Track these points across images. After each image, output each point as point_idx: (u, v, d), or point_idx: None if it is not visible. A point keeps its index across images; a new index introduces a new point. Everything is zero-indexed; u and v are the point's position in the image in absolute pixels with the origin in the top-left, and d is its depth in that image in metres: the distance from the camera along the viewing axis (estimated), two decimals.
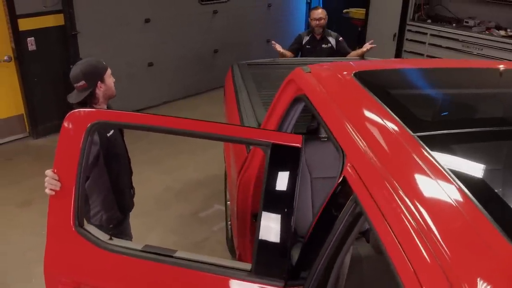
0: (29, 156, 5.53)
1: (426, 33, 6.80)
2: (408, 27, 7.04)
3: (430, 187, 1.37)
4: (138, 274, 1.97)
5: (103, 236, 2.04)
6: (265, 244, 1.83)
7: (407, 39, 7.08)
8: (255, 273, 1.84)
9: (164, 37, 6.68)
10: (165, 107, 6.84)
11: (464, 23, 6.57)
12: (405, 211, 1.28)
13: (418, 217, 1.25)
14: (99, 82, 2.63)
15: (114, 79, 2.76)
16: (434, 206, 1.31)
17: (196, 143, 5.58)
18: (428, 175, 1.40)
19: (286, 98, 2.44)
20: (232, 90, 3.88)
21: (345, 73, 2.32)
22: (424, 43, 6.83)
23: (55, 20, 5.56)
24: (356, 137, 1.67)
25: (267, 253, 1.84)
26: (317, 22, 5.15)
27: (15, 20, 5.29)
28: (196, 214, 4.50)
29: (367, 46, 4.89)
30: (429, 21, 6.93)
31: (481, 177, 1.50)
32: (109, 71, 2.72)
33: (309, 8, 8.88)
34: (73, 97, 2.67)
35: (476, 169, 1.54)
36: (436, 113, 1.98)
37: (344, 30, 8.54)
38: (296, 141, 1.80)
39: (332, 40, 5.24)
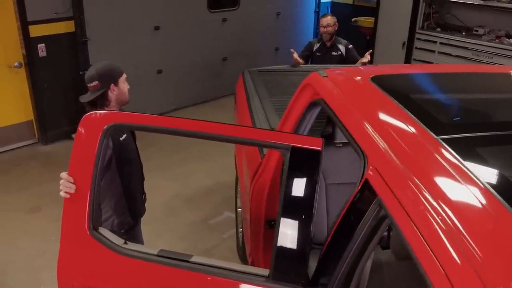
0: (38, 162, 5.53)
1: (435, 42, 6.78)
2: (417, 36, 7.02)
3: (457, 189, 1.34)
4: (153, 279, 1.93)
5: (117, 240, 2.01)
6: (284, 249, 1.80)
7: (416, 48, 7.05)
8: (273, 279, 1.81)
9: (173, 44, 6.68)
10: (174, 114, 6.83)
11: (474, 32, 6.54)
12: (432, 212, 1.25)
13: (446, 218, 1.22)
14: (112, 84, 2.63)
15: (128, 86, 2.75)
16: (462, 208, 1.28)
17: (206, 150, 5.58)
18: (454, 177, 1.37)
19: (302, 102, 2.41)
20: (243, 97, 3.86)
21: (362, 77, 2.30)
22: (433, 51, 6.80)
23: (66, 27, 5.58)
24: (378, 140, 1.64)
25: (285, 258, 1.80)
26: (325, 29, 5.15)
27: (26, 27, 5.31)
28: (206, 221, 4.46)
29: (367, 56, 4.86)
30: (438, 29, 6.91)
31: (507, 178, 1.47)
32: (124, 76, 2.72)
33: (318, 16, 8.89)
34: (85, 97, 2.69)
35: (501, 170, 1.51)
36: (457, 117, 1.95)
37: (353, 39, 8.50)
38: (316, 144, 1.77)
39: (342, 48, 5.23)
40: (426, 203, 1.29)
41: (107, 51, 5.96)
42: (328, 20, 5.19)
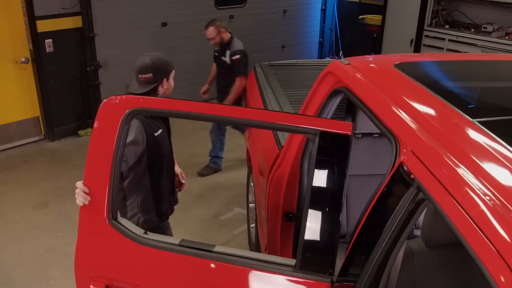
0: (44, 158, 5.48)
1: (444, 39, 6.72)
2: (425, 33, 6.96)
3: (500, 168, 1.28)
4: (175, 268, 1.88)
5: (137, 230, 1.96)
6: (311, 238, 1.74)
7: (424, 45, 6.99)
8: (300, 269, 1.75)
9: (180, 41, 6.64)
10: None
11: (483, 29, 6.48)
12: (478, 192, 1.19)
13: (493, 197, 1.17)
14: (165, 79, 2.52)
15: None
16: (507, 186, 1.22)
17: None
18: (496, 157, 1.32)
19: (323, 91, 2.36)
20: (256, 90, 3.81)
21: (385, 64, 2.25)
22: (442, 48, 6.74)
23: (73, 22, 5.54)
24: (412, 123, 1.59)
25: (313, 248, 1.75)
26: (210, 41, 4.82)
27: (34, 22, 5.27)
28: (217, 217, 4.41)
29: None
30: (446, 26, 6.85)
31: None
32: (173, 72, 2.61)
33: (324, 14, 8.85)
34: (135, 87, 2.54)
35: None
36: (487, 101, 1.89)
37: (359, 37, 8.54)
38: (345, 129, 1.71)
39: (228, 55, 4.79)
40: (470, 183, 1.23)
41: (114, 47, 5.93)
42: (209, 33, 4.76)
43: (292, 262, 1.79)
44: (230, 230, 4.21)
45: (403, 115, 1.65)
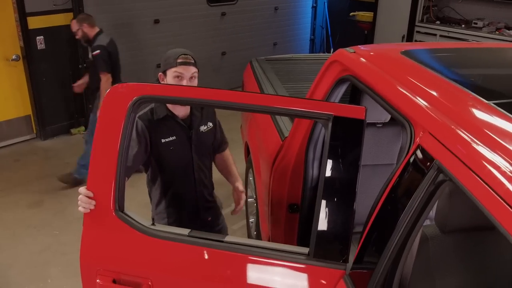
0: (37, 157, 5.39)
1: (435, 34, 6.75)
2: (417, 29, 6.99)
3: None
4: (185, 260, 1.84)
5: (145, 221, 1.92)
6: (325, 226, 1.72)
7: (416, 41, 7.02)
8: (314, 257, 1.72)
9: (173, 38, 6.58)
10: None
11: (473, 24, 6.52)
12: (505, 170, 1.18)
13: None
14: (160, 74, 2.37)
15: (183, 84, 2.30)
16: None
17: None
18: None
19: (329, 80, 2.33)
20: (254, 85, 3.77)
21: (392, 52, 2.24)
22: None
23: (65, 19, 5.46)
24: (428, 106, 1.57)
25: (327, 236, 1.72)
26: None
27: (25, 18, 5.18)
28: None
29: None
30: (437, 22, 6.88)
31: None
32: (173, 70, 2.27)
33: (315, 11, 8.85)
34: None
35: None
36: (499, 85, 1.88)
37: (350, 34, 8.53)
38: (359, 114, 1.69)
39: (90, 51, 4.59)
40: (494, 161, 1.22)
41: None
42: (71, 27, 4.64)
43: (305, 250, 1.76)
44: (229, 226, 4.12)
45: (417, 98, 1.64)
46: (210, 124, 2.49)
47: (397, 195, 1.59)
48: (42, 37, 5.36)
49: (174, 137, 2.35)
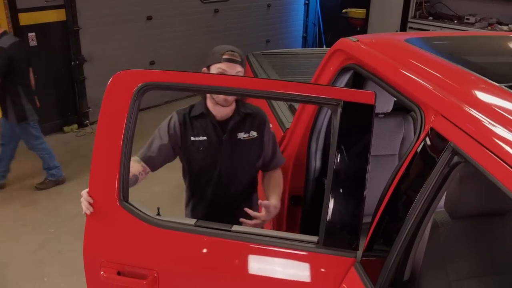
0: (29, 155, 5.26)
1: (428, 30, 6.77)
2: (409, 25, 7.00)
3: None
4: (192, 250, 1.80)
5: (150, 211, 1.88)
6: (335, 214, 1.69)
7: None
8: (324, 245, 1.70)
9: (166, 35, 6.55)
10: (167, 107, 6.67)
11: (465, 20, 6.56)
12: None
13: None
14: (204, 68, 2.19)
15: None
16: None
17: None
18: None
19: (331, 69, 2.31)
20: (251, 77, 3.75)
21: (396, 40, 2.23)
22: None
23: (56, 15, 5.40)
24: (439, 89, 1.55)
25: (336, 223, 1.70)
26: None
27: (16, 15, 5.11)
28: None
29: None
30: (430, 18, 6.91)
31: None
32: (217, 67, 2.12)
33: (307, 9, 8.85)
34: None
35: None
36: (508, 70, 1.87)
37: (343, 31, 8.51)
38: (368, 99, 1.67)
39: None
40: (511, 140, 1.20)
41: (99, 41, 5.81)
42: None
43: (315, 238, 1.74)
44: None
45: (427, 82, 1.62)
46: (254, 133, 2.25)
47: (409, 180, 1.57)
48: (33, 33, 5.29)
49: (205, 137, 2.19)
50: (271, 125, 2.35)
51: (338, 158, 1.68)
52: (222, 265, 1.78)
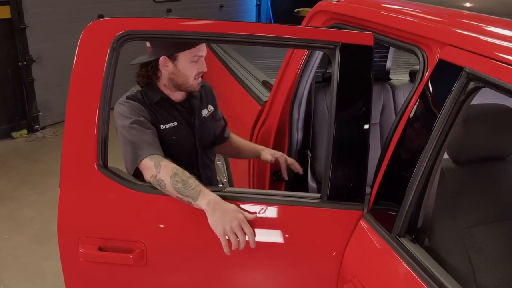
0: None
1: None
2: None
3: None
4: (185, 216, 1.64)
5: (132, 178, 1.71)
6: (338, 166, 1.59)
7: None
8: (329, 199, 1.59)
9: None
10: None
11: None
12: None
13: None
14: (165, 57, 1.90)
15: (204, 69, 1.95)
16: None
17: None
18: None
19: None
20: (218, 63, 3.61)
21: None
22: None
23: (1, 13, 5.05)
24: (441, 21, 1.50)
25: (341, 176, 1.60)
26: None
27: None
28: None
29: None
30: None
31: None
32: (193, 54, 1.88)
33: (259, 10, 8.84)
34: (135, 59, 2.06)
35: None
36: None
37: None
38: (367, 40, 1.58)
39: None
40: None
41: (48, 40, 5.50)
42: None
43: (317, 195, 1.63)
44: None
45: (426, 22, 1.56)
46: (211, 107, 2.15)
47: (420, 120, 1.48)
48: None
49: (175, 123, 1.99)
50: None
51: (339, 106, 1.58)
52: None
